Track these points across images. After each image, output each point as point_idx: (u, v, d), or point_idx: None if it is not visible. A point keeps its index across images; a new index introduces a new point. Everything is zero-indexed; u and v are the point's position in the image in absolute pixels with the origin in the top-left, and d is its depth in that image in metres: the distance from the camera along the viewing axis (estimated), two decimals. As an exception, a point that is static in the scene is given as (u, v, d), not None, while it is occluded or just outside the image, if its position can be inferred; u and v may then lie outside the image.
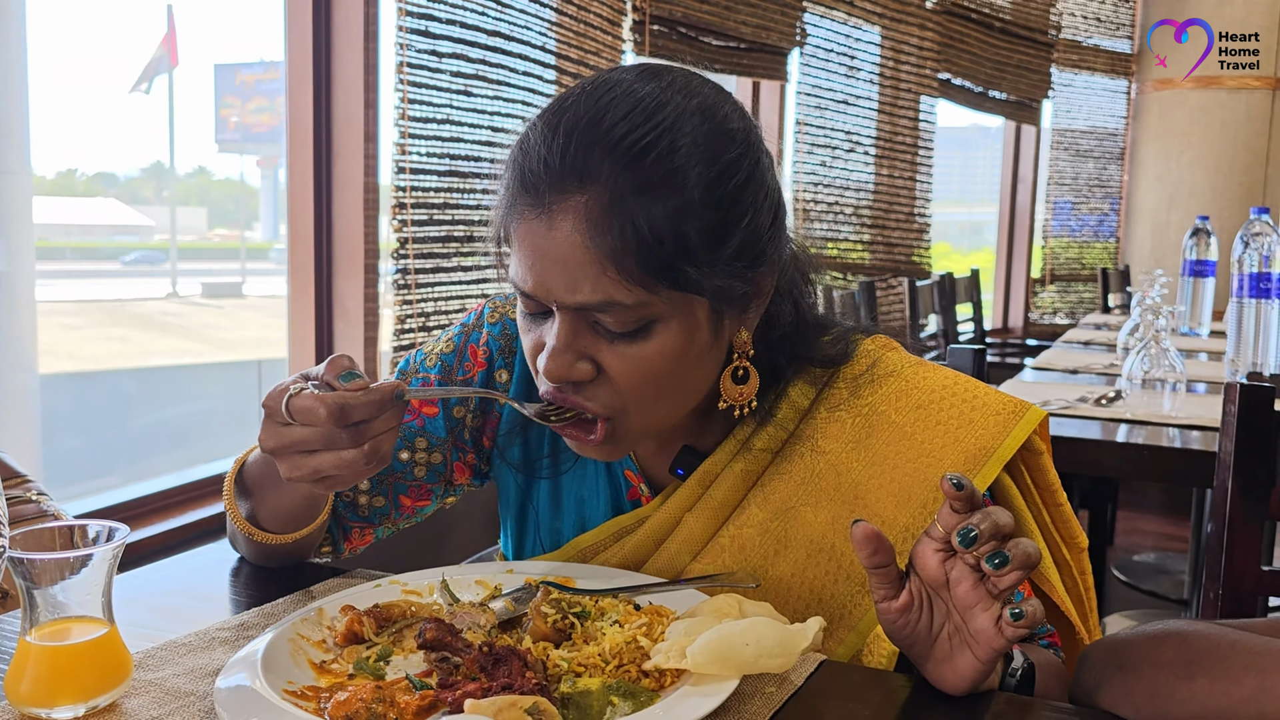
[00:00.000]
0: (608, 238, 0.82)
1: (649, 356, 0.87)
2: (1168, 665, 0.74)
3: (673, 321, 0.87)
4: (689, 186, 0.84)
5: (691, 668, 0.73)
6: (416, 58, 2.44)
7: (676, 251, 0.83)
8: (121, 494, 2.23)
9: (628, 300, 0.84)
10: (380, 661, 0.81)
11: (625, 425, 0.91)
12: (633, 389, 0.88)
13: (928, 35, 4.83)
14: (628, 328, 0.86)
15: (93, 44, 37.04)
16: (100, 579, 0.76)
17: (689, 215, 0.84)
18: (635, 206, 0.82)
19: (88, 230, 23.44)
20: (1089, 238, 6.21)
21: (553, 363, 0.86)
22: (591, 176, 0.83)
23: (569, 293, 0.84)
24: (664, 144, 0.83)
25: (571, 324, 0.86)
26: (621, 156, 0.83)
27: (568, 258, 0.83)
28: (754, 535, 0.97)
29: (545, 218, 0.84)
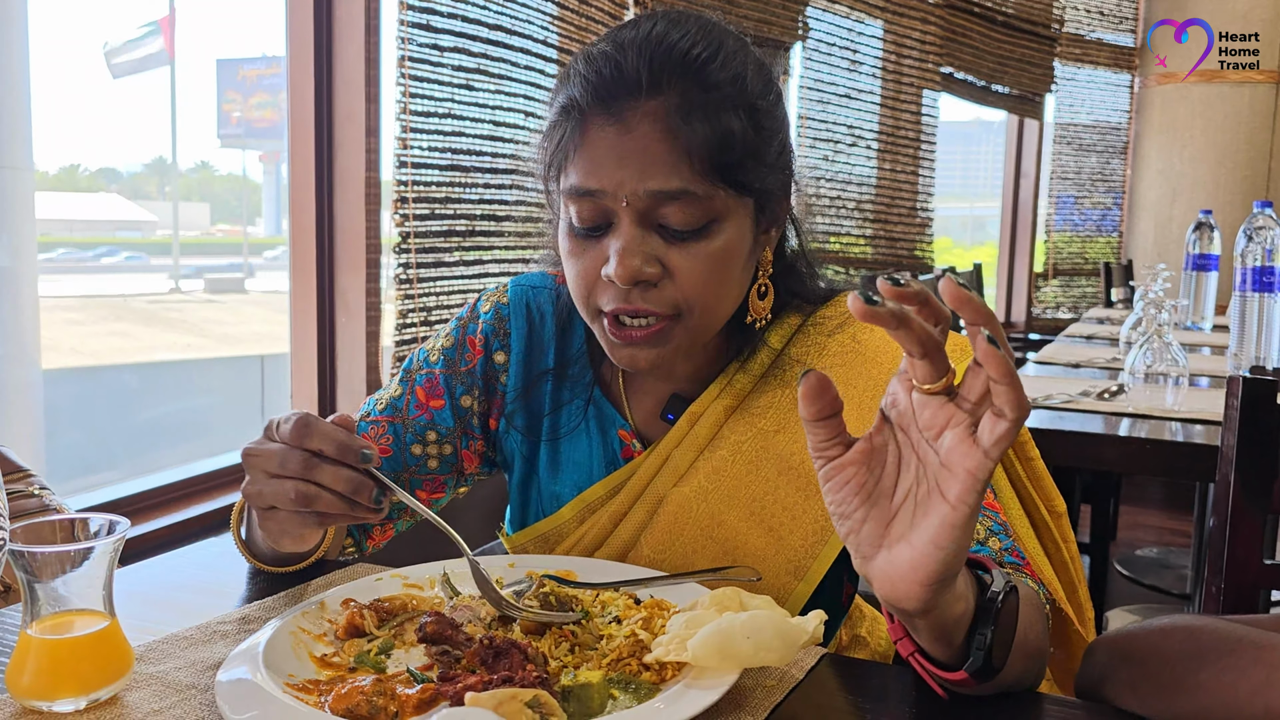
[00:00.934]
0: (684, 133, 0.90)
1: (712, 253, 0.93)
2: (1174, 658, 0.74)
3: (730, 221, 0.94)
4: (748, 93, 0.94)
5: (692, 661, 0.73)
6: (418, 52, 2.43)
7: (741, 149, 0.92)
8: (124, 489, 2.23)
9: (699, 191, 0.91)
10: (381, 655, 0.81)
11: (684, 325, 0.95)
12: (695, 288, 0.94)
13: (930, 29, 4.82)
14: (693, 225, 0.92)
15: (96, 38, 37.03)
16: (101, 572, 0.76)
17: (750, 119, 0.93)
18: (707, 108, 0.91)
19: (90, 225, 23.45)
20: (1092, 232, 6.20)
21: (624, 264, 0.91)
22: (664, 84, 0.91)
23: (643, 181, 0.90)
24: (722, 56, 0.93)
25: (638, 223, 0.92)
26: (690, 66, 0.91)
27: (645, 150, 0.90)
28: (727, 456, 1.03)
29: (619, 122, 0.91)
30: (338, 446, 0.82)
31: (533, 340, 1.13)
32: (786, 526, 1.00)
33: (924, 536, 0.62)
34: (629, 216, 0.92)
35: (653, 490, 1.04)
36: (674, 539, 1.02)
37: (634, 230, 0.92)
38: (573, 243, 0.96)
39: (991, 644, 0.72)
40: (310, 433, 0.82)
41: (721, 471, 1.02)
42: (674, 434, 1.05)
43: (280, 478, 0.83)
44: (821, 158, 4.34)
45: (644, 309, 0.93)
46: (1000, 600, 0.72)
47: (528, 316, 1.13)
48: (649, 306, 0.93)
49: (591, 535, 1.06)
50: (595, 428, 1.10)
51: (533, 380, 1.12)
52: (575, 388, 1.11)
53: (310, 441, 0.82)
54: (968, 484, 0.61)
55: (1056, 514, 1.05)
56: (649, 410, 1.10)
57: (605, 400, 1.11)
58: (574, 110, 0.93)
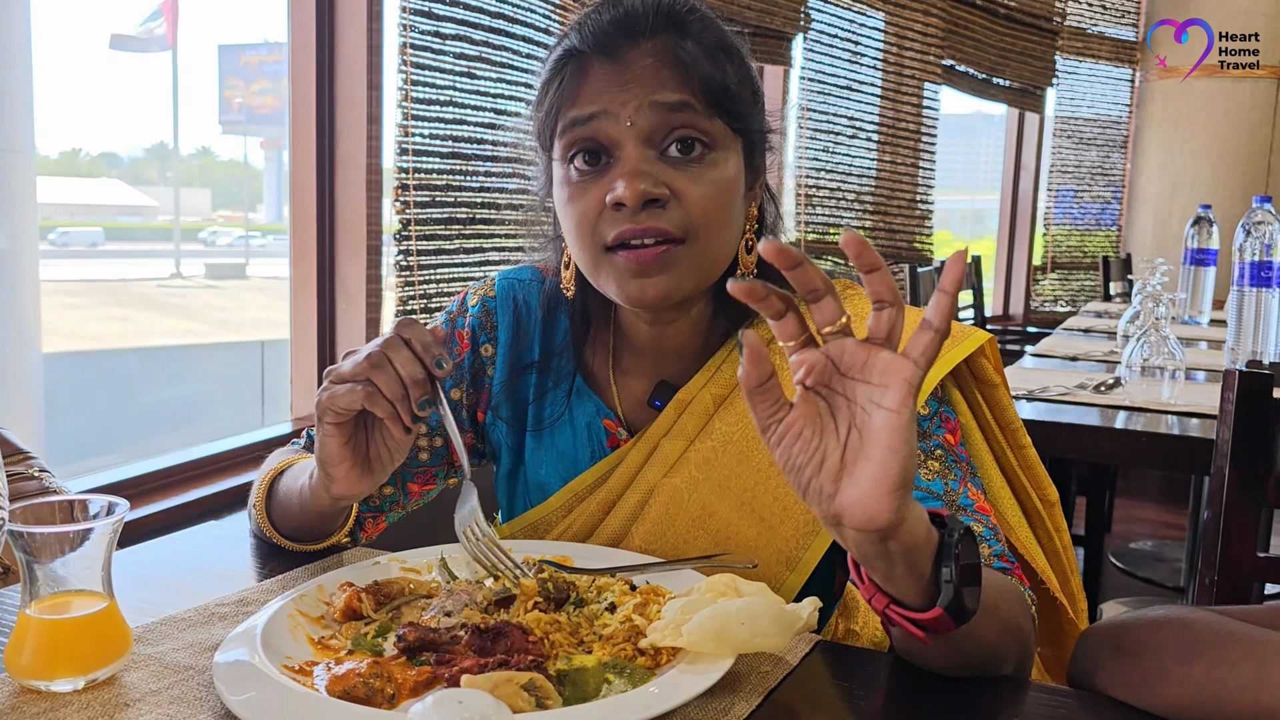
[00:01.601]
0: (684, 59, 0.96)
1: (715, 179, 0.97)
2: (1166, 650, 0.74)
3: (726, 153, 0.99)
4: (730, 45, 1.01)
5: (687, 646, 0.74)
6: (420, 39, 2.43)
7: (736, 84, 0.98)
8: (124, 471, 2.23)
9: (699, 108, 0.96)
10: (379, 638, 0.82)
11: (692, 248, 0.97)
12: (702, 210, 0.96)
13: (932, 21, 4.81)
14: (694, 149, 0.96)
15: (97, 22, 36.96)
16: (100, 554, 0.77)
17: (735, 62, 1.00)
18: (698, 49, 0.97)
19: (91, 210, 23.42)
20: (1091, 226, 6.20)
21: (632, 185, 0.94)
22: (658, 29, 0.97)
23: (647, 94, 0.95)
24: (702, 10, 1.01)
25: (643, 148, 0.95)
26: (678, 16, 0.98)
27: (646, 75, 0.95)
28: (718, 447, 1.03)
29: (619, 63, 0.96)
30: (423, 343, 0.88)
31: (519, 332, 1.14)
32: (778, 517, 1.00)
33: (878, 446, 0.66)
34: (633, 138, 0.95)
35: (642, 479, 1.04)
36: (665, 529, 1.02)
37: (640, 151, 0.95)
38: (571, 188, 0.98)
39: (957, 579, 0.72)
40: (411, 324, 0.89)
41: (712, 462, 1.03)
42: (662, 422, 1.06)
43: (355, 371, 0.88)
44: (822, 149, 4.33)
45: (653, 227, 0.95)
46: (957, 539, 0.73)
47: (514, 309, 1.14)
48: (659, 224, 0.95)
49: (580, 523, 1.07)
50: (580, 417, 1.11)
51: (518, 371, 1.13)
52: (559, 377, 1.12)
53: (406, 330, 0.89)
54: (904, 390, 0.66)
55: (1049, 503, 1.06)
56: (636, 398, 1.10)
57: (590, 389, 1.11)
58: (570, 59, 0.98)
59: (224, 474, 2.33)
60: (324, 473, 0.92)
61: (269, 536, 1.05)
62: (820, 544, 0.99)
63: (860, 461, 0.67)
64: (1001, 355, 1.09)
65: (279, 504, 1.05)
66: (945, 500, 0.95)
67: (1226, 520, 1.26)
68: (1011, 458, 1.05)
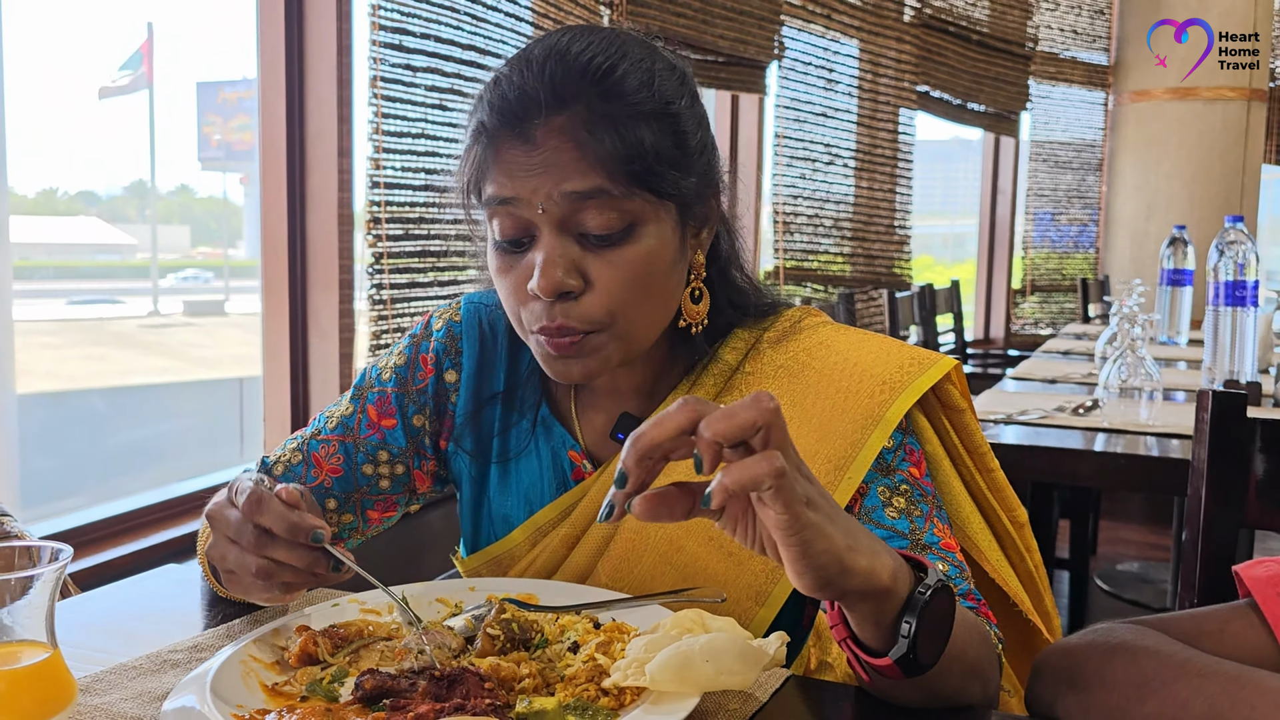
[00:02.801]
0: (593, 144, 0.89)
1: (634, 260, 0.92)
2: (1118, 686, 0.74)
3: (651, 226, 0.93)
4: (656, 99, 0.93)
5: (650, 685, 0.71)
6: (390, 72, 2.42)
7: (655, 155, 0.91)
8: (94, 513, 2.19)
9: (615, 191, 0.90)
10: (335, 683, 0.79)
11: (614, 335, 0.94)
12: (620, 296, 0.92)
13: (905, 48, 4.84)
14: (613, 229, 0.91)
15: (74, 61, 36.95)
16: (43, 601, 0.74)
17: (660, 124, 0.92)
18: (615, 117, 0.90)
19: (69, 249, 23.30)
20: (1069, 248, 6.23)
21: (546, 275, 0.90)
22: (570, 98, 0.90)
23: (558, 184, 0.89)
24: (625, 64, 0.92)
25: (559, 235, 0.91)
26: (593, 76, 0.91)
27: (556, 160, 0.90)
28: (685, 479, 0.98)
29: (527, 141, 0.90)
30: (288, 527, 0.83)
31: (484, 359, 1.11)
32: (745, 552, 0.97)
33: (781, 545, 0.69)
34: (548, 224, 0.91)
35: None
36: (631, 565, 1.00)
37: (554, 239, 0.91)
38: (500, 259, 0.96)
39: (916, 634, 0.71)
40: (262, 510, 0.83)
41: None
42: None
43: (240, 548, 0.84)
44: (798, 176, 4.34)
45: (566, 325, 0.92)
46: (929, 594, 0.72)
47: (480, 335, 1.12)
48: (571, 322, 0.92)
49: (544, 558, 1.04)
50: (545, 448, 1.08)
51: (482, 402, 1.10)
52: (524, 408, 1.10)
53: (262, 519, 0.83)
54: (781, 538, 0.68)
55: (1019, 524, 1.05)
56: (599, 430, 1.08)
57: (555, 420, 1.09)
58: (483, 133, 0.94)
59: (197, 514, 2.30)
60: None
61: (219, 592, 1.02)
62: (782, 592, 0.97)
63: (780, 550, 0.69)
64: (983, 379, 1.08)
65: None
66: (910, 540, 0.93)
67: (1204, 541, 1.25)
68: (980, 481, 1.04)
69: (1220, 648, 0.76)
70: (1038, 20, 5.84)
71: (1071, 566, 3.29)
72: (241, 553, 0.84)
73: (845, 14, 4.50)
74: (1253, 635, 0.77)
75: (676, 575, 0.99)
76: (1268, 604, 0.77)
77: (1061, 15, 5.95)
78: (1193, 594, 1.26)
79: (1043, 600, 1.04)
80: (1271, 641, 0.76)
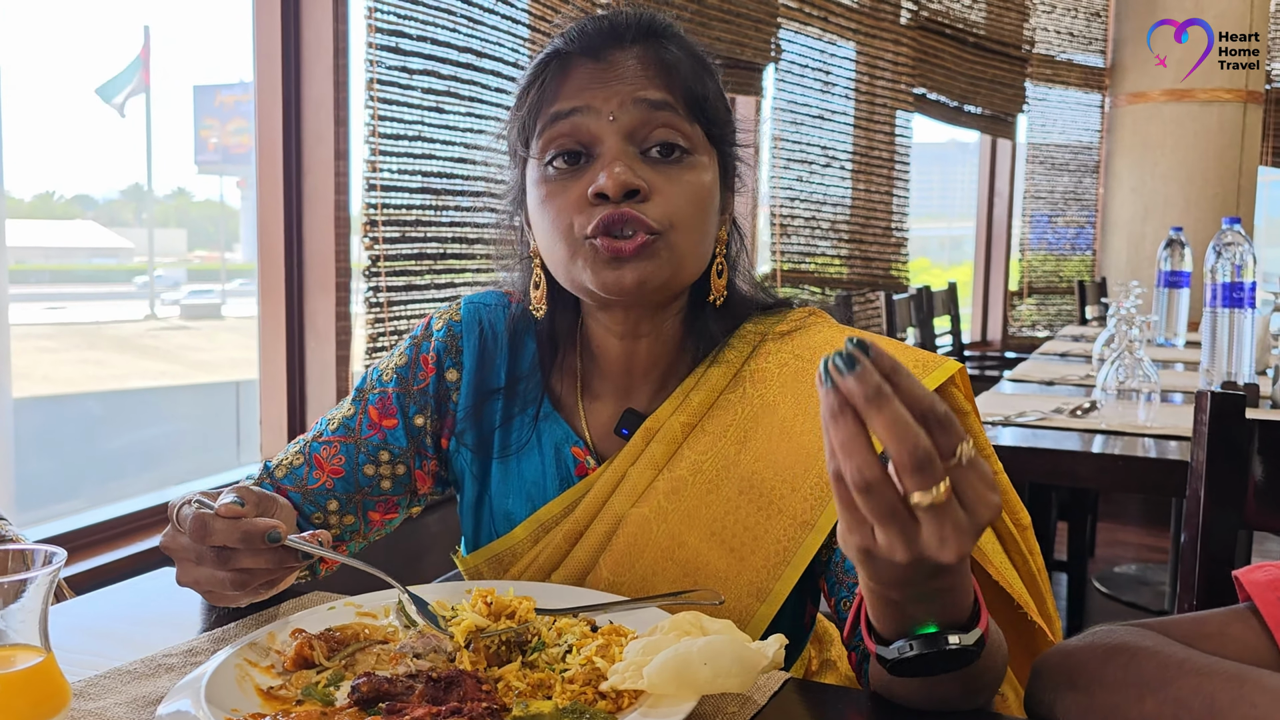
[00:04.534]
0: (666, 67, 0.98)
1: (692, 181, 0.98)
2: (1117, 686, 0.73)
3: (704, 158, 1.00)
4: (708, 65, 1.03)
5: (648, 688, 0.71)
6: (387, 74, 2.42)
7: (713, 101, 1.00)
8: (90, 516, 2.19)
9: (680, 111, 0.97)
10: (330, 687, 0.79)
11: (668, 245, 0.97)
12: (679, 208, 0.97)
13: (902, 50, 4.85)
14: (676, 145, 0.97)
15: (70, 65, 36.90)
16: (37, 605, 0.74)
17: (713, 81, 1.02)
18: (683, 57, 1.00)
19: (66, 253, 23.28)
20: (1066, 250, 6.24)
21: (615, 176, 0.94)
22: (648, 35, 1.00)
23: (632, 91, 0.96)
24: (683, 33, 1.04)
25: (624, 144, 0.96)
26: (660, 32, 1.01)
27: (629, 74, 0.97)
28: (686, 475, 1.01)
29: (604, 62, 0.98)
30: (241, 538, 0.84)
31: (484, 357, 1.11)
32: (748, 547, 0.97)
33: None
34: (615, 133, 0.96)
35: (610, 509, 1.02)
36: (633, 560, 1.00)
37: (622, 144, 0.95)
38: (550, 186, 0.98)
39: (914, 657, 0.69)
40: (209, 533, 0.84)
41: (681, 491, 1.00)
42: (629, 450, 1.04)
43: (208, 567, 0.85)
44: (795, 179, 4.34)
45: (632, 214, 0.94)
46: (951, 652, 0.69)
47: (480, 333, 1.12)
48: (638, 213, 0.94)
49: (546, 555, 1.04)
50: (548, 444, 1.08)
51: (483, 397, 1.10)
52: (525, 402, 1.10)
53: (213, 539, 0.84)
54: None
55: (1022, 527, 1.04)
56: (603, 425, 1.08)
57: (558, 416, 1.09)
58: (555, 58, 0.99)
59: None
60: None
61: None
62: (791, 574, 0.97)
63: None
64: (980, 381, 1.08)
65: None
66: None
67: (1203, 543, 1.25)
68: None
69: (1219, 651, 0.75)
70: (1034, 23, 5.84)
71: (1069, 569, 3.28)
72: (211, 571, 0.85)
73: (842, 16, 4.50)
74: (1252, 639, 0.77)
75: (678, 571, 0.98)
76: (1268, 608, 0.76)
77: (1058, 18, 5.95)
78: (1192, 596, 1.25)
79: (1045, 603, 1.04)
80: (1271, 645, 0.76)
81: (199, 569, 0.86)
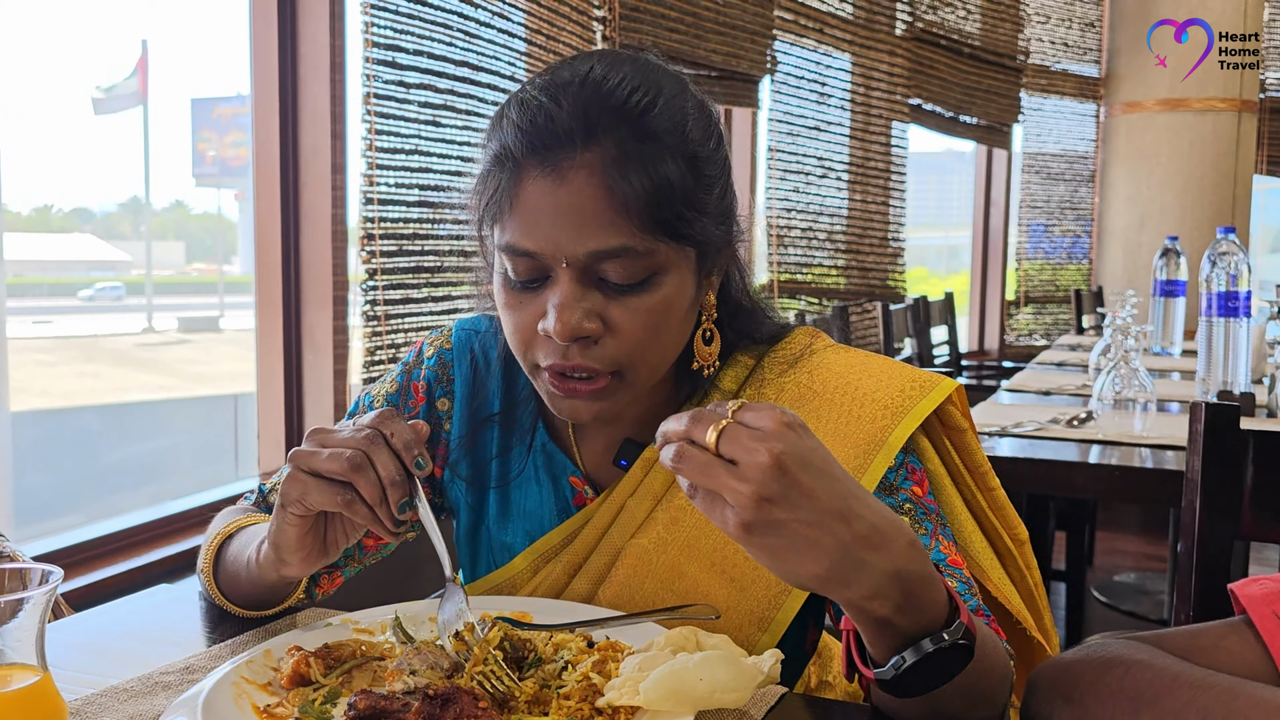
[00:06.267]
0: (623, 187, 0.86)
1: (653, 307, 0.91)
2: (1111, 699, 0.73)
3: (671, 272, 0.91)
4: (688, 141, 0.91)
5: (644, 704, 0.71)
6: (383, 88, 2.43)
7: (683, 202, 0.89)
8: (88, 531, 2.19)
9: (639, 247, 0.88)
10: (327, 704, 0.79)
11: (627, 380, 0.93)
12: (637, 342, 0.91)
13: (897, 61, 4.86)
14: (634, 279, 0.89)
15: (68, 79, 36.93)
16: (34, 624, 0.74)
17: (690, 167, 0.90)
18: (645, 158, 0.87)
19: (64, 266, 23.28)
20: (1062, 259, 6.25)
21: (563, 320, 0.88)
22: (601, 133, 0.87)
23: (582, 242, 0.87)
24: (661, 103, 0.90)
25: (578, 280, 0.89)
26: (627, 114, 0.88)
27: (582, 207, 0.87)
28: (685, 506, 1.00)
29: (555, 175, 0.87)
30: (405, 442, 0.84)
31: (476, 385, 1.10)
32: (749, 577, 0.97)
33: None
34: (568, 275, 0.89)
35: (609, 540, 1.01)
36: (633, 591, 0.99)
37: (573, 287, 0.89)
38: (509, 295, 0.93)
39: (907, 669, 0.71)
40: (392, 418, 0.84)
41: (680, 521, 1.00)
42: (628, 481, 1.02)
43: (339, 449, 0.83)
44: (792, 189, 4.35)
45: (583, 365, 0.90)
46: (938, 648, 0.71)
47: (471, 361, 1.11)
48: (588, 363, 0.91)
49: (546, 586, 1.03)
50: (545, 474, 1.07)
51: (477, 425, 1.09)
52: (522, 432, 1.09)
53: (386, 426, 0.84)
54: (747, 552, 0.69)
55: (1019, 541, 1.04)
56: (600, 455, 1.07)
57: (554, 445, 1.08)
58: (507, 160, 0.90)
59: (192, 532, 2.29)
60: (277, 556, 0.89)
61: (220, 604, 1.02)
62: (793, 604, 0.96)
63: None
64: (978, 390, 1.08)
65: (227, 572, 1.01)
66: None
67: (1199, 553, 1.25)
68: (981, 500, 1.03)
69: (1215, 664, 0.75)
70: (1029, 33, 5.87)
71: (1068, 578, 3.28)
72: (340, 450, 0.82)
73: (837, 28, 4.51)
74: (1247, 652, 0.77)
75: (678, 601, 0.98)
76: (1263, 621, 0.77)
77: (1052, 28, 5.98)
78: (1188, 606, 1.25)
79: (1042, 618, 1.04)
80: (1266, 659, 0.76)
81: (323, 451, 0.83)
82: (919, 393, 0.99)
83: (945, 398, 0.99)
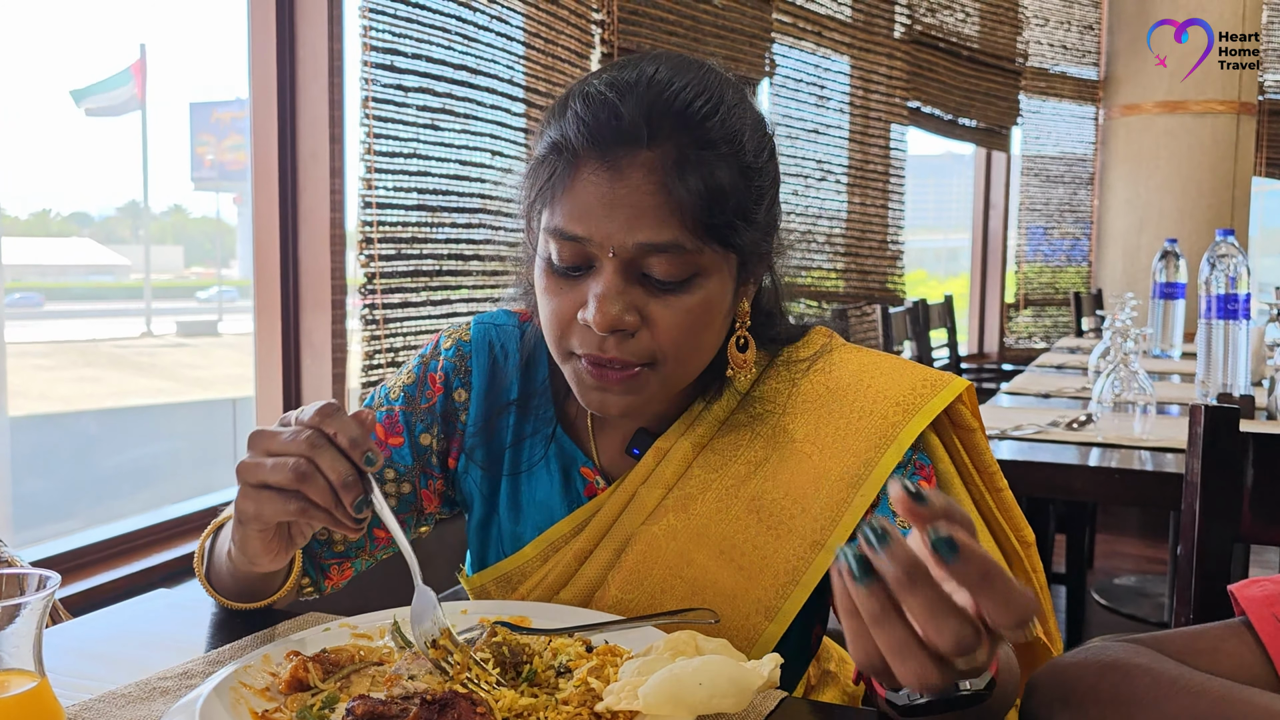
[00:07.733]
0: (678, 188, 0.88)
1: (692, 308, 0.92)
2: (1111, 703, 0.73)
3: (713, 276, 0.93)
4: (743, 152, 0.92)
5: (643, 709, 0.71)
6: (382, 92, 2.43)
7: (734, 210, 0.91)
8: (86, 537, 2.18)
9: (688, 245, 0.89)
10: (325, 709, 0.78)
11: (659, 374, 0.94)
12: (673, 340, 0.92)
13: (896, 64, 4.87)
14: (677, 277, 0.91)
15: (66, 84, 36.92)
16: (31, 630, 0.73)
17: (744, 178, 0.92)
18: (702, 163, 0.89)
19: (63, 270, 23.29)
20: (1062, 262, 6.26)
21: (603, 311, 0.89)
22: (661, 136, 0.89)
23: (632, 233, 0.88)
24: (722, 111, 0.91)
25: (621, 272, 0.90)
26: (689, 119, 0.90)
27: (637, 202, 0.88)
28: (696, 494, 1.01)
29: (612, 169, 0.89)
30: (350, 439, 0.81)
31: (495, 377, 1.11)
32: (757, 566, 0.98)
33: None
34: (613, 265, 0.90)
35: (619, 528, 1.02)
36: (642, 578, 1.00)
37: (616, 279, 0.90)
38: (550, 280, 0.94)
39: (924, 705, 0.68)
40: (334, 414, 0.82)
41: (690, 509, 1.01)
42: (639, 470, 1.03)
43: (282, 456, 0.81)
44: (791, 192, 4.35)
45: (618, 358, 0.92)
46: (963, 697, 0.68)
47: (490, 354, 1.11)
48: (624, 355, 0.92)
49: (555, 574, 1.04)
50: (557, 466, 1.08)
51: (495, 412, 1.10)
52: (537, 423, 1.09)
53: (329, 424, 0.81)
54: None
55: (1026, 543, 1.05)
56: (614, 446, 1.08)
57: (568, 438, 1.09)
58: (565, 150, 0.91)
59: (190, 537, 2.28)
60: (247, 560, 0.89)
61: (215, 600, 1.03)
62: (800, 594, 0.97)
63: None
64: (978, 393, 1.08)
65: (215, 567, 1.02)
66: None
67: (1199, 556, 1.24)
68: (990, 501, 1.04)
69: (1214, 667, 0.75)
70: (1027, 36, 5.87)
71: (1068, 581, 3.28)
72: (281, 459, 0.81)
73: (836, 31, 4.52)
74: (1247, 655, 0.77)
75: (687, 589, 0.99)
76: (1262, 624, 0.76)
77: (1051, 31, 5.98)
78: (1188, 609, 1.25)
79: (1046, 621, 1.04)
80: (1265, 662, 0.76)
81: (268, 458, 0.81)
82: (930, 391, 1.00)
83: (956, 396, 1.00)
